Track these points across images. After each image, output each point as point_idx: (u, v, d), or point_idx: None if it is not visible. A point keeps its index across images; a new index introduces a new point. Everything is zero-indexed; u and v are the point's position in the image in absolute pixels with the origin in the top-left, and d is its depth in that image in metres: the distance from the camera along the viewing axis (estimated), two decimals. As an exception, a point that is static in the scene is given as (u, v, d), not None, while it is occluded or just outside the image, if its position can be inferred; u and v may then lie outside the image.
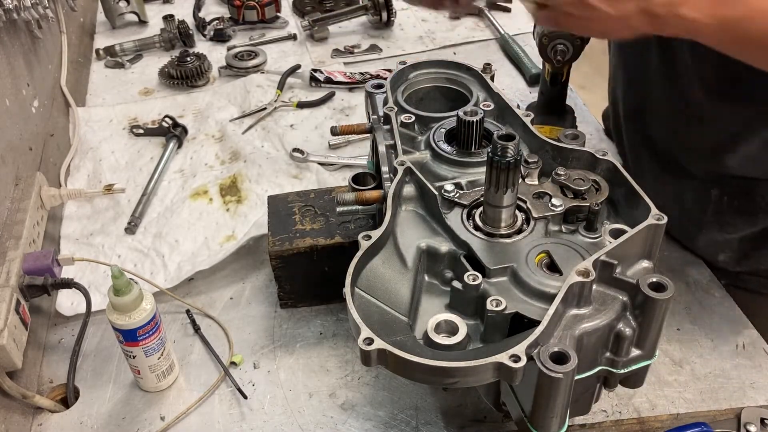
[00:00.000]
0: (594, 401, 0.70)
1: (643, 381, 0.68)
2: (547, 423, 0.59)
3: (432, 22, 1.62)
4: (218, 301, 0.95)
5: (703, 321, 0.89)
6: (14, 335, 0.77)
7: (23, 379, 0.82)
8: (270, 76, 1.40)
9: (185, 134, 1.25)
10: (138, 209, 1.08)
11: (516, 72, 1.43)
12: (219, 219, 1.07)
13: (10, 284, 0.80)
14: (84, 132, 1.26)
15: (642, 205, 0.65)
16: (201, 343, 0.89)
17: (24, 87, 1.09)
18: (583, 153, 0.72)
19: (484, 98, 0.84)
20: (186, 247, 1.02)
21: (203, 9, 1.70)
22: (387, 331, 0.59)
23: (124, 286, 0.74)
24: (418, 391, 0.81)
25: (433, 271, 0.69)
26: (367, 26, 1.61)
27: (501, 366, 0.53)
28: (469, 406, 0.80)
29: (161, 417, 0.81)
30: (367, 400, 0.81)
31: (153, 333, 0.78)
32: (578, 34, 0.99)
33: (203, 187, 1.14)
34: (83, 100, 1.38)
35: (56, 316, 0.93)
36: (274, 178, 1.14)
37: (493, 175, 0.64)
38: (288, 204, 0.93)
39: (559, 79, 1.12)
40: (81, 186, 1.14)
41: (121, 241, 1.04)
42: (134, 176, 1.17)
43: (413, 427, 0.78)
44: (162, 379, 0.82)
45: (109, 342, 0.89)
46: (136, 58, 1.51)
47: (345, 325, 0.90)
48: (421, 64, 0.89)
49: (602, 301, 0.62)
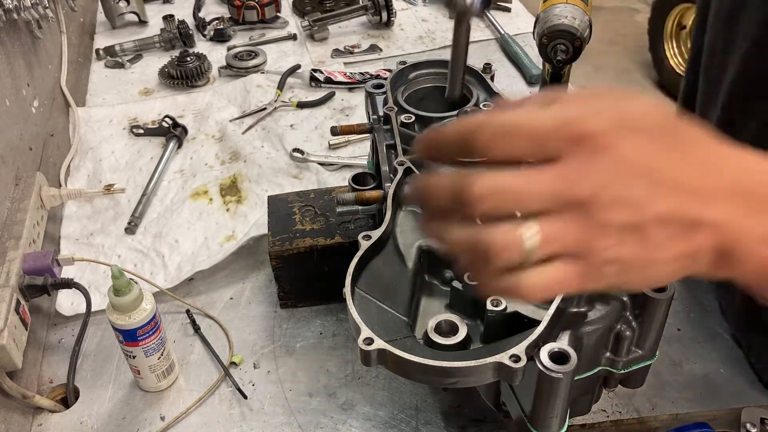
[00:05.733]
0: (594, 401, 0.70)
1: (644, 381, 0.68)
2: (547, 423, 0.59)
3: (432, 22, 1.63)
4: (218, 301, 0.95)
5: (703, 321, 0.89)
6: (14, 335, 0.76)
7: (23, 379, 0.82)
8: (270, 76, 1.40)
9: (185, 134, 1.25)
10: (138, 209, 1.08)
11: (516, 72, 1.43)
12: (219, 219, 1.07)
13: (10, 284, 0.80)
14: (84, 132, 1.26)
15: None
16: (201, 343, 0.89)
17: (24, 87, 1.09)
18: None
19: (484, 98, 0.84)
20: (186, 247, 1.02)
21: (203, 9, 1.70)
22: (387, 331, 0.59)
23: (124, 286, 0.74)
24: (418, 391, 0.81)
25: (433, 271, 0.69)
26: (367, 26, 1.61)
27: (501, 366, 0.53)
28: (469, 406, 0.80)
29: (161, 417, 0.81)
30: (367, 400, 0.81)
31: (153, 333, 0.78)
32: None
33: (203, 187, 1.14)
34: (83, 100, 1.38)
35: (56, 316, 0.93)
36: (274, 178, 1.14)
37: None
38: (288, 204, 0.94)
39: (560, 79, 1.12)
40: (81, 186, 1.14)
41: (121, 241, 1.04)
42: (134, 176, 1.17)
43: (413, 427, 0.78)
44: (162, 379, 0.82)
45: (109, 342, 0.89)
46: (136, 58, 1.51)
47: (345, 325, 0.90)
48: (421, 64, 0.89)
49: (602, 300, 0.62)
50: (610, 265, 0.41)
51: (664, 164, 0.41)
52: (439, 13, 1.66)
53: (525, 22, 1.59)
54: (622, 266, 0.41)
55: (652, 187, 0.40)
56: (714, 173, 0.42)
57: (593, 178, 0.40)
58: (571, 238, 0.40)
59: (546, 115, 0.41)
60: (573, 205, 0.40)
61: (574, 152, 0.40)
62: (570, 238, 0.40)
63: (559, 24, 0.95)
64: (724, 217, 0.41)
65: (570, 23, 0.95)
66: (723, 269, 0.43)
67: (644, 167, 0.40)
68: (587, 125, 0.40)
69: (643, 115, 0.42)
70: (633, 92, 0.44)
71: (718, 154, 0.43)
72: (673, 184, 0.41)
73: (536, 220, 0.40)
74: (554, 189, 0.40)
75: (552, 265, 0.41)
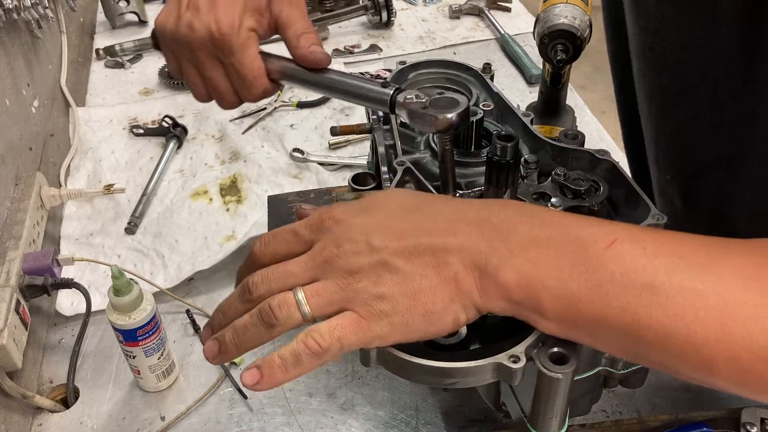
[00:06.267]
0: (594, 401, 0.70)
1: (644, 381, 0.68)
2: (546, 423, 0.59)
3: (432, 22, 1.62)
4: (218, 301, 0.93)
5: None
6: (14, 335, 0.76)
7: (23, 379, 0.82)
8: (270, 76, 1.40)
9: (185, 134, 1.25)
10: (138, 209, 1.08)
11: (516, 72, 1.43)
12: (219, 219, 1.07)
13: (10, 284, 0.80)
14: (84, 132, 1.26)
15: (642, 205, 0.65)
16: (201, 343, 0.89)
17: (24, 87, 1.09)
18: (582, 153, 0.72)
19: (484, 98, 0.84)
20: (186, 247, 1.02)
21: (203, 9, 1.70)
22: (387, 332, 0.59)
23: (124, 286, 0.74)
24: (418, 391, 0.81)
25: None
26: (367, 26, 1.61)
27: (500, 367, 0.53)
28: (469, 406, 0.80)
29: (161, 417, 0.81)
30: (367, 400, 0.81)
31: (153, 333, 0.78)
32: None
33: (203, 187, 1.14)
34: (83, 100, 1.38)
35: (56, 316, 0.93)
36: (274, 178, 1.14)
37: (492, 175, 0.64)
38: (288, 204, 0.94)
39: (560, 79, 1.12)
40: (81, 186, 1.14)
41: (121, 241, 1.04)
42: (134, 176, 1.17)
43: (413, 427, 0.78)
44: (162, 379, 0.83)
45: (109, 342, 0.89)
46: (136, 58, 1.51)
47: (345, 325, 0.90)
48: (421, 64, 0.89)
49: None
50: (380, 301, 0.48)
51: (403, 219, 0.52)
52: (439, 13, 1.66)
53: (525, 22, 1.59)
54: (392, 301, 0.48)
55: (387, 234, 0.50)
56: (453, 217, 0.52)
57: (334, 240, 0.51)
58: (333, 288, 0.49)
59: (305, 219, 0.54)
60: (323, 266, 0.50)
61: (322, 233, 0.52)
62: (331, 288, 0.49)
63: (559, 24, 0.95)
64: (463, 242, 0.49)
65: (570, 23, 0.95)
66: (493, 296, 0.49)
67: (378, 223, 0.51)
68: (329, 213, 0.53)
69: (386, 197, 0.56)
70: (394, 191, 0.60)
71: (458, 206, 0.54)
72: (413, 228, 0.51)
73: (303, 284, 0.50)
74: (307, 261, 0.51)
75: (336, 316, 0.49)
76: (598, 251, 0.47)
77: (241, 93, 0.70)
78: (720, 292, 0.44)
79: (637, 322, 0.45)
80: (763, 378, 0.43)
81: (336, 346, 0.48)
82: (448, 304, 0.49)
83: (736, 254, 0.47)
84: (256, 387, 0.49)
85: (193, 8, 0.65)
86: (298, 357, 0.49)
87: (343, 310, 0.49)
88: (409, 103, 0.63)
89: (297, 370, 0.49)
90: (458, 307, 0.50)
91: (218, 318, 0.55)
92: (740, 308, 0.43)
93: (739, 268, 0.46)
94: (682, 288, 0.45)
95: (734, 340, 0.43)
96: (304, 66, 0.69)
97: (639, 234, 0.49)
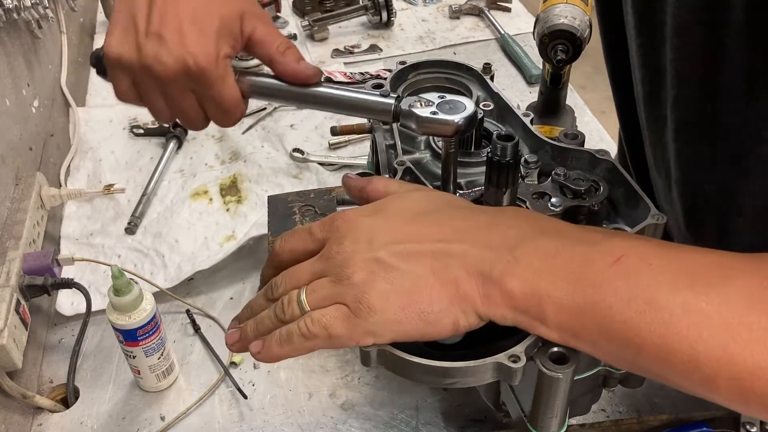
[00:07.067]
0: (594, 401, 0.70)
1: (644, 381, 0.68)
2: (546, 423, 0.59)
3: (432, 22, 1.62)
4: (218, 301, 0.95)
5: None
6: (14, 335, 0.77)
7: (23, 379, 0.82)
8: (270, 75, 1.40)
9: (185, 134, 1.25)
10: (138, 209, 1.08)
11: (516, 72, 1.43)
12: (219, 219, 1.07)
13: (10, 284, 0.80)
14: (84, 132, 1.26)
15: (642, 205, 0.65)
16: (201, 343, 0.89)
17: (24, 87, 1.09)
18: (582, 153, 0.72)
19: (484, 98, 0.84)
20: (186, 247, 1.02)
21: (203, 9, 1.70)
22: (387, 331, 0.59)
23: (124, 286, 0.74)
24: (418, 391, 0.81)
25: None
26: (367, 26, 1.61)
27: (500, 366, 0.53)
28: (469, 406, 0.80)
29: (161, 417, 0.81)
30: (367, 400, 0.81)
31: (153, 333, 0.78)
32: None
33: (203, 187, 1.14)
34: (83, 100, 1.38)
35: (56, 316, 0.93)
36: (274, 178, 1.14)
37: (492, 175, 0.64)
38: (288, 204, 0.94)
39: (560, 79, 1.12)
40: (81, 186, 1.14)
41: (121, 241, 1.04)
42: (134, 176, 1.17)
43: (413, 427, 0.78)
44: (162, 379, 0.83)
45: (109, 342, 0.89)
46: (136, 58, 1.51)
47: (345, 325, 0.90)
48: (421, 64, 0.89)
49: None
50: (370, 297, 0.49)
51: (412, 222, 0.54)
52: (439, 13, 1.66)
53: (525, 22, 1.58)
54: (383, 298, 0.49)
55: (390, 235, 0.52)
56: (463, 224, 0.53)
57: (339, 239, 0.53)
58: (328, 283, 0.51)
59: (320, 219, 0.57)
60: (326, 263, 0.53)
61: (332, 232, 0.54)
62: (327, 283, 0.52)
63: (559, 24, 0.95)
64: (468, 248, 0.51)
65: (570, 23, 0.95)
66: (496, 302, 0.50)
67: (385, 225, 0.53)
68: (343, 213, 0.55)
69: (402, 200, 0.57)
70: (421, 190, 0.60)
71: (471, 212, 0.56)
72: (418, 232, 0.53)
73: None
74: (316, 260, 0.54)
75: (329, 307, 0.51)
76: (604, 267, 0.48)
77: (216, 121, 0.67)
78: (723, 313, 0.44)
79: (639, 337, 0.46)
80: (763, 398, 0.44)
81: (323, 333, 0.50)
82: (446, 306, 0.50)
83: (742, 273, 0.47)
84: (258, 356, 0.53)
85: (154, 37, 0.57)
86: (291, 335, 0.51)
87: (339, 305, 0.51)
88: (416, 111, 0.62)
89: (289, 347, 0.52)
90: (458, 311, 0.50)
91: (245, 312, 0.58)
92: (743, 330, 0.43)
93: (744, 287, 0.46)
94: (685, 306, 0.45)
95: (736, 362, 0.43)
96: (291, 82, 0.65)
97: (645, 249, 0.49)
